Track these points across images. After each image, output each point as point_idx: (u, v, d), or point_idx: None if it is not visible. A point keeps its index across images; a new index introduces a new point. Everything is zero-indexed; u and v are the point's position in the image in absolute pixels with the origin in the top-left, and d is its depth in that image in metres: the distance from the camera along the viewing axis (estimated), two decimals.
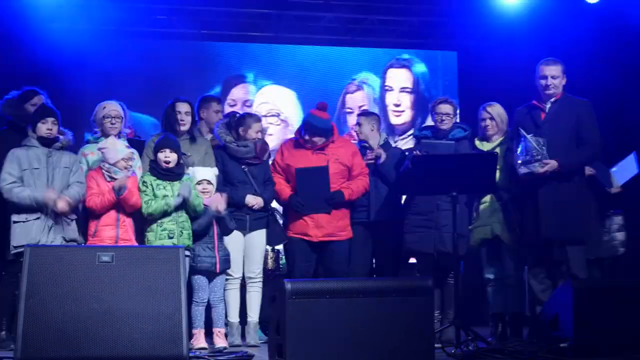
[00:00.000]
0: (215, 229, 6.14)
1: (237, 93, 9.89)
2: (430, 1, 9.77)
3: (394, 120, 10.11)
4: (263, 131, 6.63)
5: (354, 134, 7.03)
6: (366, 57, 10.42)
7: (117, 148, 5.97)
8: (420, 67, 10.43)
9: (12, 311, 5.93)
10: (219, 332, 6.12)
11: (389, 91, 10.34)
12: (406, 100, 10.33)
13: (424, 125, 7.60)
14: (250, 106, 9.65)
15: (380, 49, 10.43)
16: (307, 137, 6.53)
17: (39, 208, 5.64)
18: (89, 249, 4.69)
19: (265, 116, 9.24)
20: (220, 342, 6.05)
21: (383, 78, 10.37)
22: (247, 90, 9.88)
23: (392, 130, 10.02)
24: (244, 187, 6.39)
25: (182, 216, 5.98)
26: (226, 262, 6.19)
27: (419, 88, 10.35)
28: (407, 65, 10.45)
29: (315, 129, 6.52)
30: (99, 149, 6.02)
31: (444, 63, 10.54)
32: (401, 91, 10.39)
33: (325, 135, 6.55)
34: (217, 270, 6.11)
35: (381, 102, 10.16)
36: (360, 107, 9.81)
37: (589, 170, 6.42)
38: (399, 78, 10.41)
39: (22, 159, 5.72)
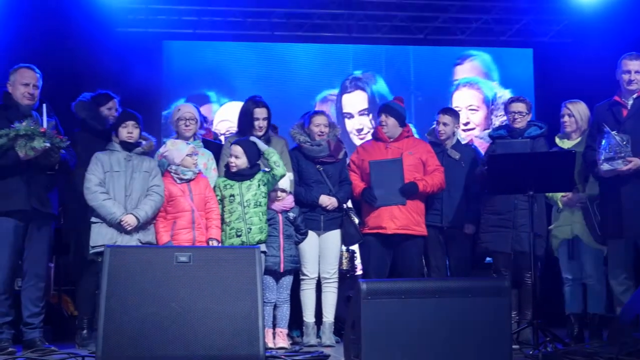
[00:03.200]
0: (282, 229, 6.16)
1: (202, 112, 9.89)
2: None
3: (359, 143, 9.79)
4: (332, 126, 6.59)
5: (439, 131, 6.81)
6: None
7: (178, 147, 6.03)
8: (376, 86, 10.23)
9: (93, 310, 6.07)
10: (281, 332, 6.14)
11: (349, 118, 10.19)
12: (366, 122, 10.17)
13: (498, 125, 7.48)
14: (210, 124, 9.49)
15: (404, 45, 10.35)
16: (381, 118, 6.55)
17: (110, 222, 5.75)
18: (167, 249, 4.75)
19: (223, 134, 8.95)
20: (281, 342, 6.07)
21: (339, 105, 10.18)
22: (211, 110, 9.80)
23: None
24: (318, 186, 6.39)
25: (249, 212, 6.02)
26: (293, 262, 6.20)
27: (376, 106, 10.11)
28: (362, 87, 10.26)
29: (390, 109, 6.55)
30: (162, 156, 6.09)
31: (418, 76, 10.31)
32: (360, 114, 10.24)
33: (399, 118, 6.54)
34: (281, 270, 6.12)
35: (342, 127, 9.68)
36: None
37: None
38: (355, 101, 10.25)
39: (104, 162, 5.82)
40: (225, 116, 9.78)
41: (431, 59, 10.40)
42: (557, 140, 6.45)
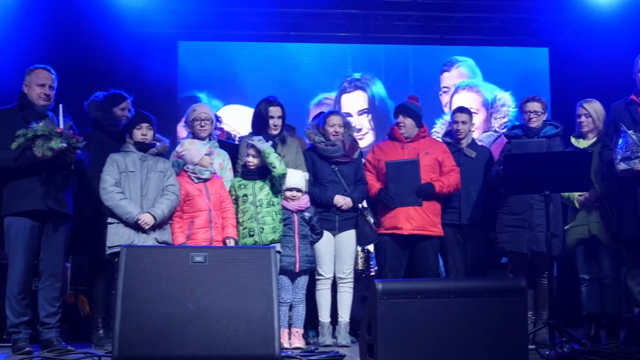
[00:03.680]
0: (297, 229, 6.16)
1: None
2: None
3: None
4: (347, 126, 6.58)
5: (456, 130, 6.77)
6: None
7: (197, 146, 6.04)
8: (376, 87, 10.20)
9: (107, 310, 6.09)
10: (297, 332, 6.14)
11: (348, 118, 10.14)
12: (365, 122, 10.15)
13: (514, 124, 7.45)
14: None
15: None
16: (399, 119, 6.53)
17: (126, 222, 5.76)
18: (182, 249, 4.75)
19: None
20: (296, 342, 6.07)
21: (338, 107, 10.12)
22: None
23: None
24: (333, 186, 6.38)
25: (262, 212, 6.02)
26: (308, 262, 6.18)
27: (375, 107, 10.09)
28: (361, 87, 10.24)
29: (408, 110, 6.53)
30: (179, 156, 6.09)
31: (417, 78, 10.27)
32: (359, 114, 10.20)
33: (416, 119, 6.53)
34: (297, 270, 6.12)
35: None
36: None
37: None
38: (354, 101, 10.22)
39: (119, 163, 5.84)
40: (224, 119, 9.75)
41: (430, 61, 10.41)
42: (572, 140, 6.42)
